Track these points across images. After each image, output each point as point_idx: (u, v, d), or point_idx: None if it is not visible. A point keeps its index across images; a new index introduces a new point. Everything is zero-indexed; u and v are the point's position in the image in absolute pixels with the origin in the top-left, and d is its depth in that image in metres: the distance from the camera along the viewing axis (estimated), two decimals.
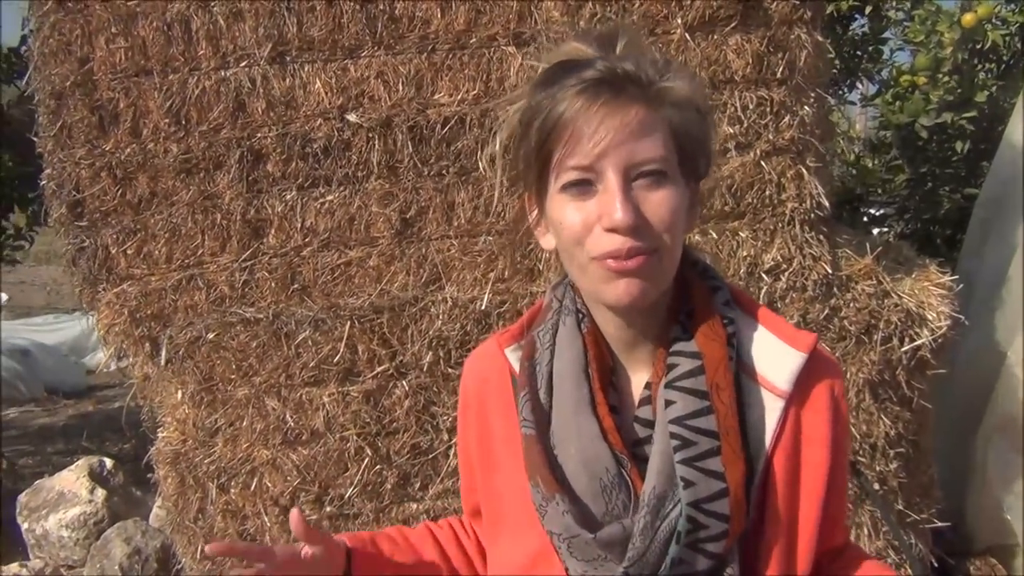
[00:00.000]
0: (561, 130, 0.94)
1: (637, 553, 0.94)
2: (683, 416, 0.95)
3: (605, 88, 0.94)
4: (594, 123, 0.93)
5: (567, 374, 1.01)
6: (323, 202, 2.54)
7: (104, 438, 5.79)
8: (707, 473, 0.94)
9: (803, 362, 1.00)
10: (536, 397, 1.02)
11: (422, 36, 2.46)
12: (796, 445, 1.00)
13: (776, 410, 0.99)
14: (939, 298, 2.58)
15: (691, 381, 0.97)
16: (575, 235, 0.95)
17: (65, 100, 2.54)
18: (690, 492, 0.93)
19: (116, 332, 2.65)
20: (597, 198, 0.94)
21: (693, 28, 2.43)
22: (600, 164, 0.93)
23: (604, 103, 0.93)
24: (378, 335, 2.55)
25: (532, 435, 1.00)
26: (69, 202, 2.60)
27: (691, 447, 0.94)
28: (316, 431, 2.59)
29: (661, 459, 0.95)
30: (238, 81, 2.49)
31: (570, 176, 0.95)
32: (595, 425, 0.98)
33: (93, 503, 3.76)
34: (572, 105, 0.94)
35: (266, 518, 2.64)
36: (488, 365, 1.13)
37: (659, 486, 0.94)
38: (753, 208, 2.52)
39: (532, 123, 0.98)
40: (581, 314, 1.04)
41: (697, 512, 0.93)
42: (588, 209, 0.94)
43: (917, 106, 3.81)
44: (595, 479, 0.96)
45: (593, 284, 0.98)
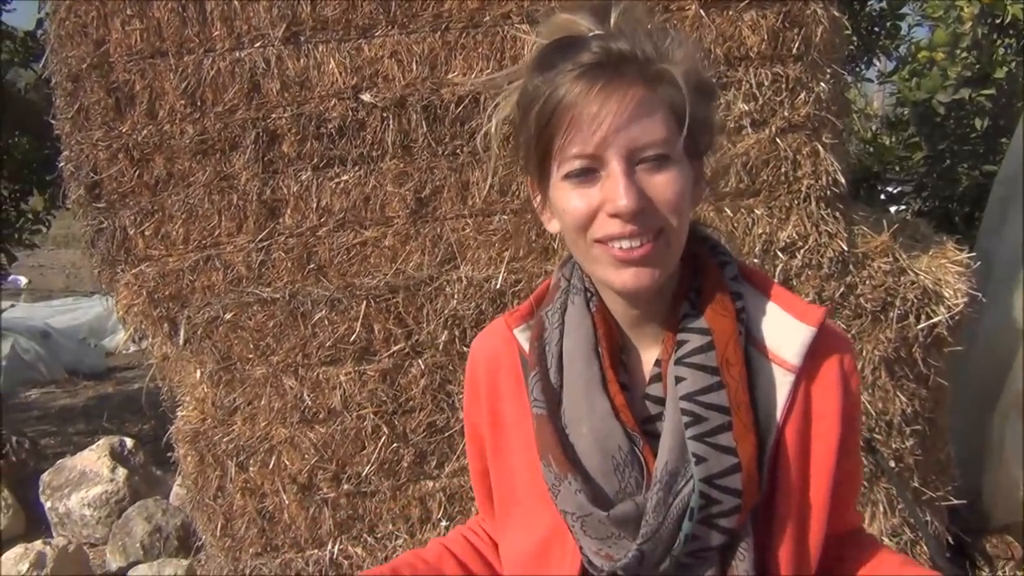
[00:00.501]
0: (560, 117, 0.93)
1: (651, 530, 0.93)
2: (694, 392, 0.95)
3: (602, 71, 0.93)
4: (594, 109, 0.92)
5: (577, 353, 1.01)
6: (338, 182, 2.55)
7: (124, 419, 5.86)
8: (719, 448, 0.94)
9: (812, 336, 1.00)
10: (547, 377, 1.01)
11: (436, 15, 2.46)
12: (807, 419, 1.00)
13: (786, 384, 0.99)
14: (956, 275, 2.57)
15: (701, 357, 0.97)
16: (579, 222, 0.95)
17: (82, 82, 2.56)
18: (702, 468, 0.93)
19: (135, 313, 2.67)
20: (600, 184, 0.94)
21: (708, 4, 2.41)
22: (602, 150, 0.92)
23: (602, 87, 0.92)
24: (394, 314, 2.56)
25: (543, 414, 0.99)
26: (87, 184, 2.62)
27: (702, 423, 0.94)
28: (333, 410, 2.61)
29: (673, 435, 0.95)
30: (253, 62, 2.50)
31: (573, 164, 0.94)
32: (607, 403, 0.98)
33: (114, 482, 3.82)
34: (571, 91, 0.93)
35: (284, 496, 2.66)
36: (498, 345, 1.12)
37: (671, 462, 0.94)
38: (768, 185, 2.51)
39: (530, 109, 0.97)
40: (589, 293, 1.04)
41: (710, 488, 0.93)
42: (591, 195, 0.94)
43: (935, 82, 3.77)
44: (608, 457, 0.96)
45: (600, 269, 0.98)
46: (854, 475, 1.09)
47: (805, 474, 1.00)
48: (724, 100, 2.46)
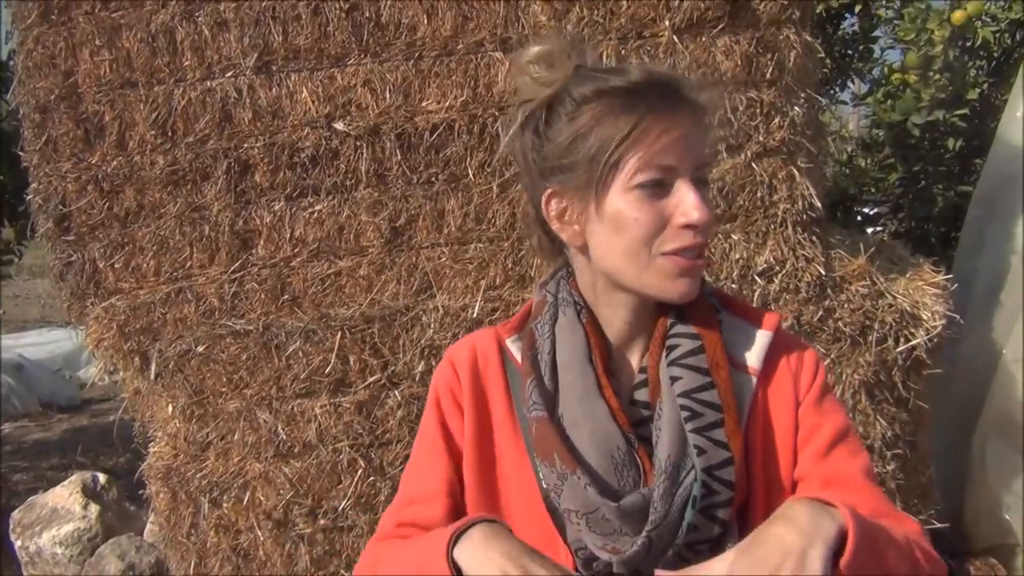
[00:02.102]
0: (634, 133, 1.00)
1: (659, 517, 0.98)
2: (690, 390, 1.02)
3: (671, 92, 1.02)
4: (671, 125, 1.00)
5: (572, 361, 1.06)
6: (312, 212, 2.52)
7: (99, 452, 5.76)
8: (715, 442, 1.00)
9: (769, 340, 1.09)
10: (543, 384, 1.06)
11: (409, 43, 2.45)
12: (766, 418, 1.08)
13: (750, 388, 1.07)
14: (934, 297, 2.56)
15: (694, 359, 1.04)
16: (649, 231, 1.01)
17: (50, 113, 2.53)
18: (703, 459, 0.99)
19: (105, 347, 2.62)
20: (671, 196, 1.01)
21: (681, 30, 2.41)
22: (676, 164, 1.00)
23: (673, 106, 1.01)
24: (369, 345, 2.52)
25: (544, 416, 1.03)
26: (56, 216, 2.58)
27: (699, 418, 1.00)
28: (308, 443, 2.57)
29: (673, 429, 1.01)
30: (224, 91, 2.47)
31: (646, 176, 1.00)
32: (605, 407, 1.03)
33: (87, 519, 3.73)
34: (653, 108, 1.00)
35: (259, 532, 2.61)
36: (486, 353, 1.15)
37: (674, 455, 0.99)
38: (745, 210, 2.50)
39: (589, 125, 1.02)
40: (579, 306, 1.10)
41: (709, 478, 0.99)
42: (661, 207, 1.01)
43: (909, 104, 3.79)
44: (608, 457, 1.01)
45: (657, 279, 1.03)
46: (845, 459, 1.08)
47: (769, 468, 1.07)
48: None
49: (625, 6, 2.40)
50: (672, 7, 2.39)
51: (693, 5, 2.39)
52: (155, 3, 2.45)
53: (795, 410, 1.09)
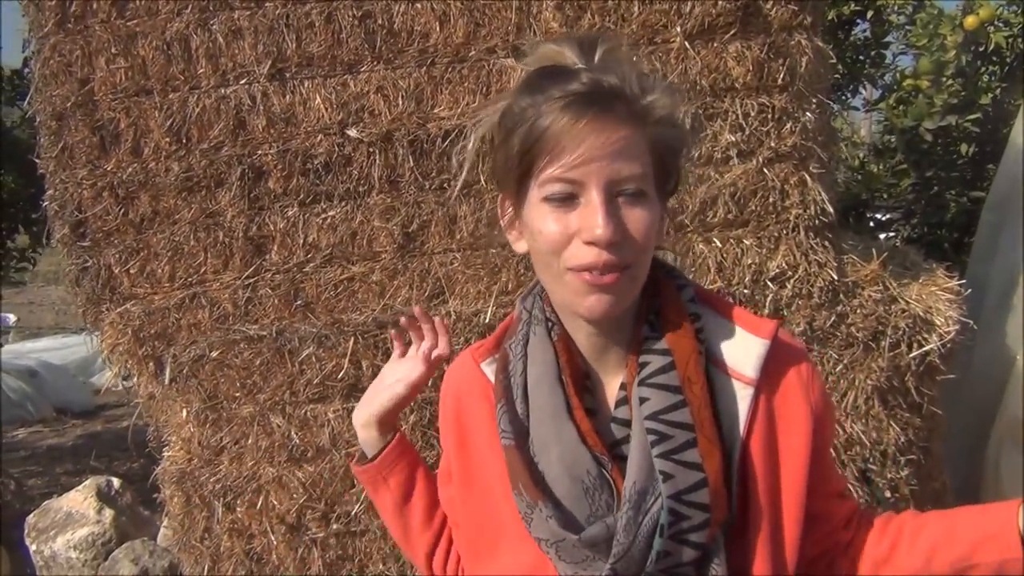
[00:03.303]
0: (545, 142, 0.96)
1: (622, 549, 0.95)
2: (658, 411, 0.98)
3: (591, 103, 0.95)
4: (580, 138, 0.94)
5: (542, 381, 1.03)
6: (325, 218, 2.53)
7: (113, 457, 5.80)
8: (685, 465, 0.96)
9: (766, 349, 1.04)
10: (513, 408, 1.04)
11: (421, 50, 2.46)
12: (771, 433, 1.04)
13: (746, 398, 1.02)
14: (947, 303, 2.55)
15: (663, 377, 1.00)
16: (553, 245, 0.98)
17: (66, 121, 2.55)
18: (669, 485, 0.95)
19: (120, 352, 2.64)
20: (579, 211, 0.97)
21: (692, 36, 2.42)
22: (585, 178, 0.95)
23: (591, 119, 0.95)
24: (382, 350, 2.53)
25: (511, 445, 1.01)
26: (71, 223, 2.60)
27: (667, 440, 0.97)
28: (322, 448, 2.58)
29: (639, 455, 0.97)
30: (238, 98, 2.49)
31: (554, 188, 0.96)
32: (573, 429, 0.99)
33: (101, 523, 3.75)
34: (559, 118, 0.95)
35: (272, 536, 2.62)
36: (466, 380, 1.14)
37: (639, 482, 0.96)
38: (757, 216, 2.50)
39: (515, 129, 0.99)
40: (551, 323, 1.06)
41: (678, 504, 0.95)
42: (568, 221, 0.97)
43: (921, 110, 3.79)
44: (577, 482, 0.98)
45: (567, 295, 1.00)
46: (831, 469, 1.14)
47: (775, 487, 1.02)
48: (711, 131, 2.46)
49: (637, 12, 2.41)
50: (684, 13, 2.40)
51: (704, 11, 2.40)
52: (170, 11, 2.48)
53: (810, 421, 1.04)
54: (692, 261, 2.49)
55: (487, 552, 1.10)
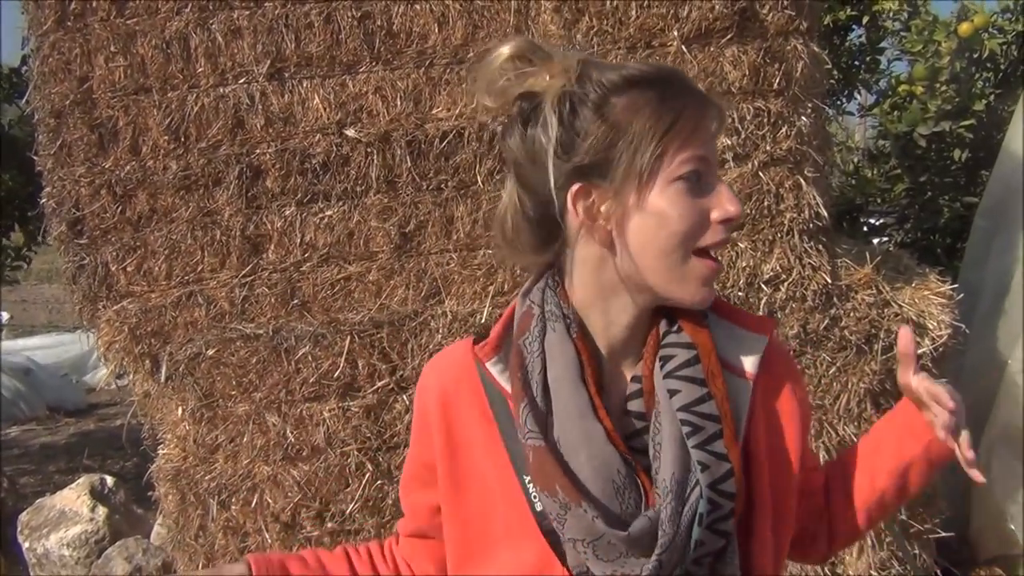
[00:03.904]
0: (686, 119, 0.98)
1: (668, 539, 0.95)
2: (689, 404, 0.99)
3: (694, 86, 1.03)
4: (702, 117, 0.99)
5: (565, 381, 1.01)
6: (322, 217, 2.54)
7: (106, 456, 5.78)
8: (716, 455, 0.98)
9: (765, 347, 1.07)
10: (536, 406, 1.01)
11: (420, 51, 2.47)
12: (769, 425, 1.07)
13: (747, 393, 1.04)
14: (939, 307, 2.57)
15: (690, 370, 1.01)
16: (691, 226, 0.99)
17: (65, 119, 2.56)
18: (707, 474, 0.97)
19: (116, 350, 2.65)
20: (705, 191, 0.99)
21: (689, 40, 2.44)
22: (711, 157, 1.00)
23: (703, 98, 1.01)
24: (378, 350, 2.54)
25: (542, 446, 0.99)
26: (69, 220, 2.61)
27: (700, 432, 0.98)
28: (317, 447, 2.58)
29: (674, 446, 0.98)
30: (237, 98, 2.50)
31: (689, 167, 0.98)
32: (601, 429, 0.99)
33: (94, 521, 3.75)
34: (688, 102, 0.99)
35: (267, 535, 2.63)
36: (459, 376, 1.10)
37: (678, 472, 0.97)
38: (752, 219, 2.52)
39: (634, 115, 0.98)
40: (568, 319, 1.04)
41: (714, 493, 0.97)
42: (699, 202, 0.99)
43: (915, 115, 3.81)
44: (608, 482, 0.98)
45: (686, 281, 1.00)
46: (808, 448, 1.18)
47: (775, 474, 1.05)
48: None
49: (634, 16, 2.42)
50: (681, 17, 2.42)
51: (701, 15, 2.41)
52: (170, 10, 2.49)
53: (800, 411, 1.08)
54: None
55: (481, 553, 1.09)
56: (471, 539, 1.09)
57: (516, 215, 1.06)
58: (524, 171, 1.03)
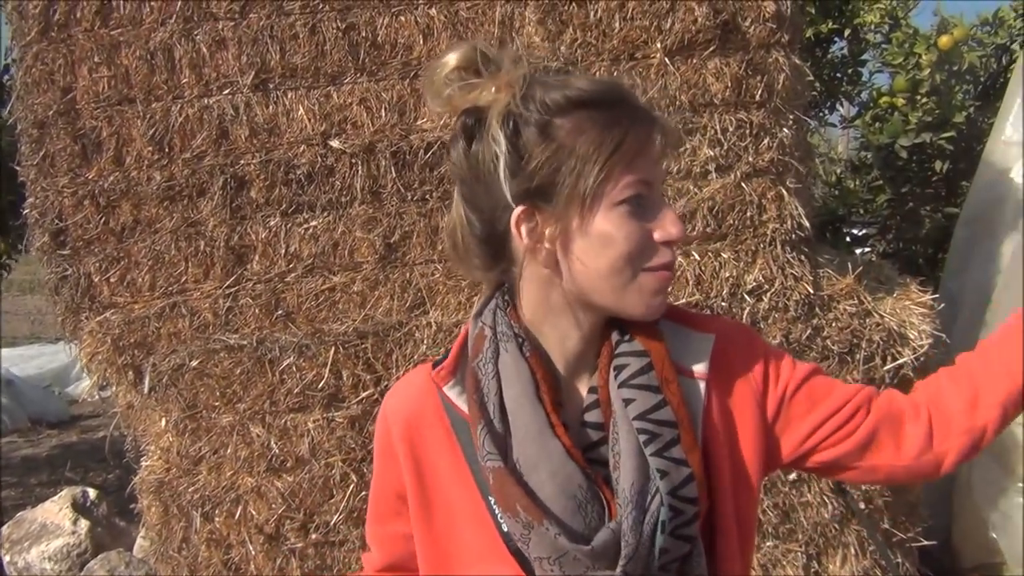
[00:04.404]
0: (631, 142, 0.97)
1: (631, 550, 0.95)
2: (644, 411, 0.99)
3: (641, 106, 1.01)
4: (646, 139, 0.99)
5: (522, 401, 1.01)
6: (307, 228, 2.54)
7: (88, 468, 5.74)
8: (675, 461, 0.98)
9: (713, 344, 1.07)
10: (494, 428, 1.01)
11: (404, 62, 2.48)
12: (723, 420, 1.06)
13: (701, 393, 1.05)
14: (920, 317, 2.60)
15: (644, 378, 1.01)
16: (637, 248, 0.99)
17: (48, 129, 2.55)
18: (666, 481, 0.97)
19: (99, 361, 2.63)
20: (649, 212, 0.99)
21: (672, 52, 2.45)
22: (653, 179, 1.00)
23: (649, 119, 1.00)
24: (363, 360, 2.54)
25: (501, 467, 0.99)
26: (52, 231, 2.59)
27: (657, 439, 0.98)
28: (301, 458, 2.58)
29: (632, 455, 0.98)
30: (221, 108, 2.50)
31: (633, 190, 0.98)
32: (560, 446, 0.99)
33: (76, 534, 3.72)
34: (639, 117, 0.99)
35: (251, 547, 2.61)
36: (421, 404, 1.09)
37: (637, 481, 0.97)
38: (735, 229, 2.54)
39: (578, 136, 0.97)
40: (520, 338, 1.03)
41: (675, 500, 0.97)
42: (642, 223, 0.99)
43: (896, 127, 3.84)
44: (571, 498, 0.97)
45: (638, 296, 1.00)
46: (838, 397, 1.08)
47: (733, 471, 1.05)
48: (690, 145, 2.49)
49: (617, 28, 2.44)
50: (664, 29, 2.44)
51: (684, 27, 2.43)
52: (154, 21, 2.49)
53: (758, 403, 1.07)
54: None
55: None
56: (443, 564, 1.08)
57: (464, 231, 1.05)
58: (468, 188, 1.02)
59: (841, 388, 1.09)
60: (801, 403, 1.08)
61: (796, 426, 1.08)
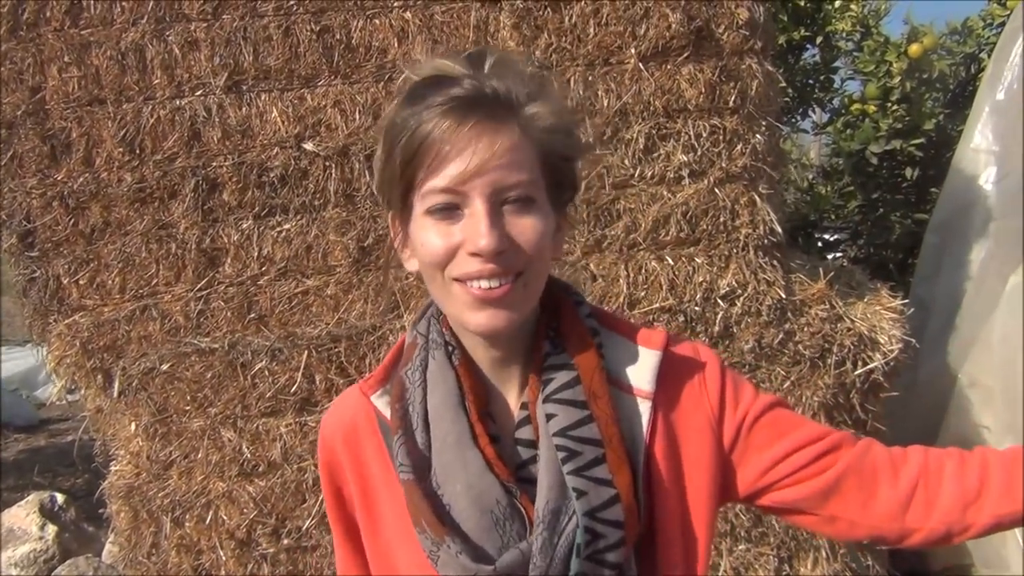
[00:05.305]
0: (426, 151, 0.91)
1: (539, 573, 0.91)
2: (566, 427, 0.94)
3: (473, 108, 0.91)
4: (461, 145, 0.90)
5: (443, 409, 0.97)
6: (280, 231, 2.53)
7: (56, 472, 5.66)
8: (596, 481, 0.93)
9: (659, 360, 1.00)
10: (412, 439, 0.97)
11: (379, 65, 2.47)
12: (673, 443, 1.00)
13: (646, 412, 0.99)
14: (891, 322, 2.62)
15: (569, 392, 0.96)
16: (436, 258, 0.93)
17: (16, 129, 2.51)
18: (583, 502, 0.92)
19: (67, 364, 2.60)
20: (463, 222, 0.92)
21: (647, 58, 2.46)
22: (467, 188, 0.90)
23: (473, 125, 0.90)
24: (336, 364, 2.53)
25: (411, 480, 0.95)
26: (19, 232, 2.56)
27: (577, 457, 0.93)
28: (273, 462, 2.56)
29: (550, 473, 0.93)
30: (193, 110, 2.48)
31: (436, 200, 0.91)
32: (479, 457, 0.94)
33: (44, 540, 3.68)
34: (439, 125, 0.90)
35: (221, 552, 2.59)
36: (354, 415, 1.06)
37: (552, 500, 0.92)
38: (708, 234, 2.55)
39: (396, 141, 0.93)
40: (451, 346, 1.01)
41: (593, 522, 0.91)
42: (452, 233, 0.92)
43: (867, 134, 3.88)
44: (486, 513, 0.93)
45: (457, 308, 0.95)
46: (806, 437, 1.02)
47: (682, 497, 0.99)
48: (664, 151, 2.50)
49: (592, 33, 2.45)
50: (638, 35, 2.45)
51: (658, 34, 2.45)
52: (125, 21, 2.46)
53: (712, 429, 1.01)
54: (645, 278, 2.53)
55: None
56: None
57: None
58: None
59: (810, 426, 1.05)
60: (762, 433, 1.01)
61: (755, 457, 1.01)
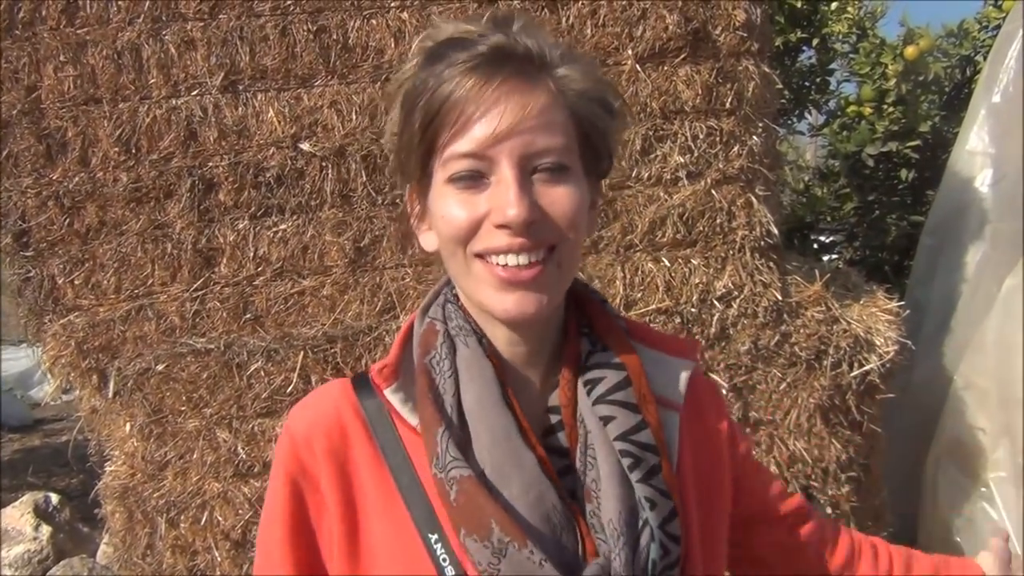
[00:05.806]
0: (448, 112, 0.81)
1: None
2: (627, 431, 0.84)
3: (503, 65, 0.82)
4: (487, 105, 0.80)
5: (485, 402, 0.85)
6: (276, 231, 2.52)
7: (51, 473, 5.65)
8: (660, 492, 0.84)
9: (692, 371, 0.94)
10: (457, 432, 0.84)
11: (376, 65, 2.47)
12: (697, 455, 0.95)
13: (675, 424, 0.92)
14: (887, 324, 2.62)
15: (622, 394, 0.87)
16: (458, 232, 0.83)
17: (12, 128, 2.50)
18: (656, 513, 0.82)
19: (63, 364, 2.59)
20: (489, 191, 0.82)
21: (644, 59, 2.47)
22: (494, 152, 0.81)
23: (501, 83, 0.81)
24: (332, 365, 2.52)
25: (469, 475, 0.81)
26: (14, 232, 2.55)
27: (642, 464, 0.83)
28: (268, 463, 2.54)
29: (615, 481, 0.83)
30: (189, 110, 2.47)
31: (459, 166, 0.82)
32: (533, 457, 0.83)
33: (38, 540, 3.66)
34: (462, 84, 0.81)
35: (217, 553, 2.58)
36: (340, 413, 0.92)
37: (625, 512, 0.82)
38: (705, 236, 2.55)
39: (415, 104, 0.84)
40: (479, 334, 0.90)
41: (663, 536, 0.82)
42: (477, 204, 0.82)
43: (863, 135, 3.89)
44: (546, 521, 0.81)
45: (480, 290, 0.85)
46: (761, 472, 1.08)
47: (706, 515, 0.94)
48: (660, 152, 2.50)
49: (589, 34, 2.45)
50: (635, 36, 2.45)
51: (655, 35, 2.45)
52: (122, 20, 2.46)
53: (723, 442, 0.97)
54: (641, 280, 2.53)
55: None
56: None
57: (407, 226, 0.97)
58: None
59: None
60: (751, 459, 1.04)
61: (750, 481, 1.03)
